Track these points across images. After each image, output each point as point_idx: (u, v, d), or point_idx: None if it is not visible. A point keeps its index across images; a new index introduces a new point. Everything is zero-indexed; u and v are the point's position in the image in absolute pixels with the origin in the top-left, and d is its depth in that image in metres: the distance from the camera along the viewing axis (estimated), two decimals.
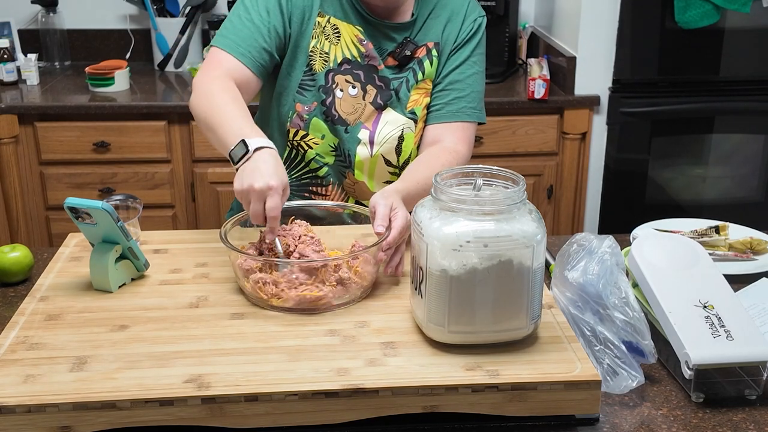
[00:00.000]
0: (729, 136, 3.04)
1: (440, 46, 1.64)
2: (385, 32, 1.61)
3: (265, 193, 1.27)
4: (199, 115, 1.47)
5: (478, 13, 1.68)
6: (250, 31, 1.53)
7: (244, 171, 1.30)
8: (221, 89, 1.46)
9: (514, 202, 1.12)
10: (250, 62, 1.53)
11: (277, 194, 1.28)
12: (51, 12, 3.20)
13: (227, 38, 1.54)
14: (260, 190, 1.27)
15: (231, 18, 1.57)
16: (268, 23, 1.54)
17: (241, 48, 1.52)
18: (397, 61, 1.62)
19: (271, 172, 1.29)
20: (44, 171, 2.83)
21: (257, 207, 1.28)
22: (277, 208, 1.28)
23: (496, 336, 1.15)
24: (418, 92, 1.64)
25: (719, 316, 1.18)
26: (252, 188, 1.27)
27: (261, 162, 1.31)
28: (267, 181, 1.27)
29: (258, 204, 1.28)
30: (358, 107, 1.60)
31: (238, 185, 1.30)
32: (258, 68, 1.54)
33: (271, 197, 1.28)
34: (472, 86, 1.65)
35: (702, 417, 1.13)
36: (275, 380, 1.07)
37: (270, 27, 1.55)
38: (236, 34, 1.54)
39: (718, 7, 2.73)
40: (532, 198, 2.93)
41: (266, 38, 1.54)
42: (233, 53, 1.52)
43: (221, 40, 1.54)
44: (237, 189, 1.30)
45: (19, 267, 1.48)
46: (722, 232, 1.65)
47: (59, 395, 1.04)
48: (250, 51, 1.53)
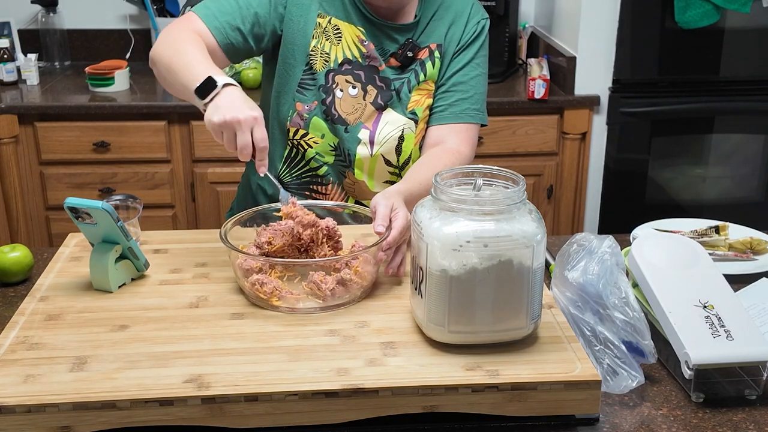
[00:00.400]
0: (729, 136, 3.04)
1: (443, 47, 1.64)
2: (388, 33, 1.61)
3: (251, 123, 1.27)
4: (162, 59, 1.46)
5: (481, 16, 1.68)
6: (230, 8, 1.53)
7: (219, 104, 1.30)
8: (188, 39, 1.47)
9: (514, 202, 1.12)
10: (220, 36, 1.52)
11: (261, 124, 1.28)
12: (51, 12, 3.20)
13: (207, 8, 1.54)
14: (246, 120, 1.27)
15: None
16: (250, 7, 1.54)
17: (217, 21, 1.52)
18: (399, 62, 1.62)
19: (249, 105, 1.29)
20: (44, 171, 2.83)
21: (246, 138, 1.28)
22: (266, 138, 1.29)
23: (496, 336, 1.15)
24: (419, 93, 1.64)
25: (719, 316, 1.18)
26: (236, 119, 1.27)
27: (235, 96, 1.31)
28: (250, 111, 1.28)
29: (246, 135, 1.28)
30: (358, 107, 1.61)
31: (217, 118, 1.28)
32: (226, 45, 1.53)
33: (258, 127, 1.28)
34: (476, 88, 1.66)
35: (702, 417, 1.13)
36: (275, 380, 1.07)
37: (251, 12, 1.54)
38: (217, 7, 1.54)
39: (718, 7, 2.73)
40: (532, 198, 2.93)
41: (244, 20, 1.54)
42: (207, 23, 1.52)
43: (201, 8, 1.54)
44: (217, 121, 1.28)
45: (19, 267, 1.48)
46: (722, 232, 1.65)
47: (59, 395, 1.04)
48: (224, 26, 1.52)
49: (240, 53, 1.57)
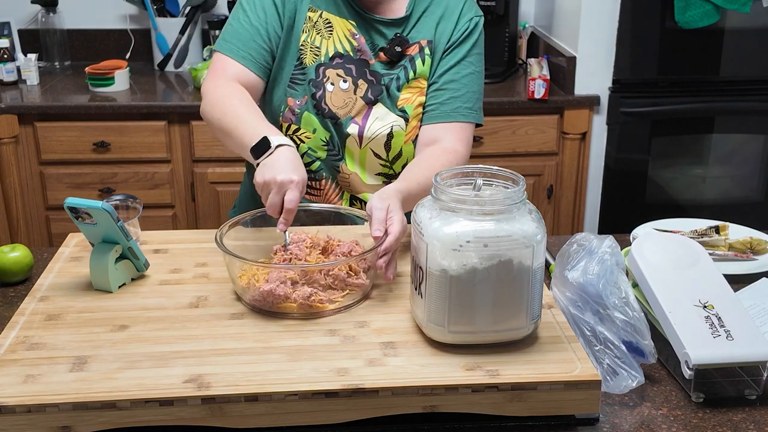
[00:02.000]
0: (729, 136, 3.04)
1: (433, 44, 1.64)
2: (377, 27, 1.62)
3: (286, 186, 1.32)
4: (213, 121, 1.52)
5: (474, 13, 1.67)
6: (249, 34, 1.57)
7: (266, 165, 1.36)
8: (231, 94, 1.52)
9: (514, 202, 1.12)
10: (252, 65, 1.57)
11: (297, 188, 1.33)
12: (51, 12, 3.20)
13: (229, 42, 1.58)
14: (282, 183, 1.32)
15: (231, 21, 1.61)
16: (266, 23, 1.58)
17: (242, 51, 1.57)
18: (387, 57, 1.61)
19: (293, 167, 1.35)
20: (44, 171, 2.83)
21: (276, 199, 1.33)
22: (295, 201, 1.33)
23: (496, 336, 1.15)
24: (410, 91, 1.63)
25: (719, 316, 1.18)
26: (274, 180, 1.32)
27: (283, 157, 1.36)
28: (289, 174, 1.33)
29: (277, 196, 1.33)
30: (348, 101, 1.61)
31: (260, 178, 1.34)
32: (261, 69, 1.59)
33: (291, 190, 1.32)
34: (468, 86, 1.65)
35: (702, 417, 1.13)
36: (275, 380, 1.07)
37: (268, 27, 1.58)
38: (237, 37, 1.58)
39: (718, 7, 2.73)
40: (532, 198, 2.93)
41: (265, 39, 1.58)
42: (236, 57, 1.57)
43: (223, 44, 1.59)
44: (258, 181, 1.35)
45: (19, 267, 1.48)
46: (722, 232, 1.65)
47: (59, 395, 1.04)
48: (251, 54, 1.57)
49: (272, 67, 1.62)
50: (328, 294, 1.26)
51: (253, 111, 1.50)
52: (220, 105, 1.51)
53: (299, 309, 1.24)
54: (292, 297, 1.24)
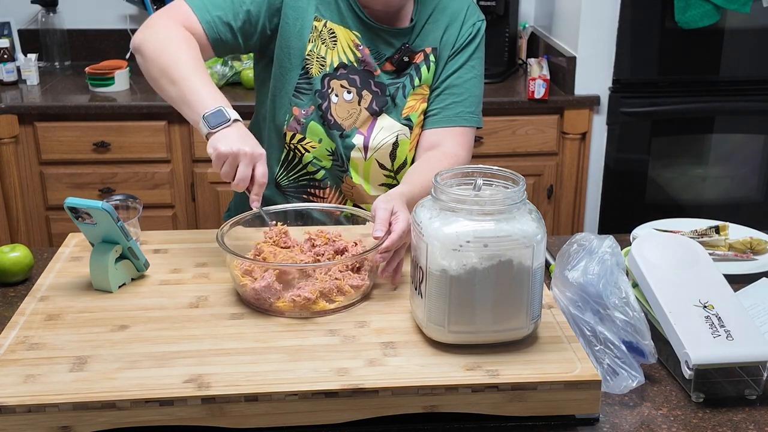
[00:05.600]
0: (729, 136, 3.04)
1: (438, 50, 1.63)
2: (384, 37, 1.60)
3: (257, 159, 1.31)
4: (155, 59, 1.45)
5: (477, 17, 1.67)
6: (224, 2, 1.51)
7: (228, 135, 1.33)
8: (185, 42, 1.46)
9: (514, 202, 1.12)
10: (210, 31, 1.51)
11: (265, 162, 1.32)
12: (51, 12, 3.20)
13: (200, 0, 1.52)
14: (252, 154, 1.31)
15: None
16: (243, 4, 1.52)
17: (208, 15, 1.51)
18: (394, 66, 1.61)
19: (255, 142, 1.33)
20: (44, 171, 2.83)
21: (247, 171, 1.31)
22: (266, 175, 1.33)
23: (496, 336, 1.15)
24: (414, 98, 1.63)
25: (719, 316, 1.19)
26: (242, 150, 1.30)
27: (243, 131, 1.35)
28: (257, 147, 1.31)
29: (248, 168, 1.31)
30: (353, 112, 1.60)
31: (225, 147, 1.31)
32: (216, 41, 1.52)
33: (261, 163, 1.31)
34: (470, 90, 1.64)
35: (702, 417, 1.13)
36: (275, 380, 1.07)
37: (243, 9, 1.52)
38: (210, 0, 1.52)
39: (718, 7, 2.73)
40: (532, 198, 2.93)
41: (236, 17, 1.52)
42: (199, 15, 1.50)
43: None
44: (223, 150, 1.31)
45: (19, 267, 1.48)
46: (722, 232, 1.65)
47: (59, 395, 1.04)
48: (215, 20, 1.51)
49: (227, 48, 1.56)
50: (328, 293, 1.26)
51: (205, 72, 1.43)
52: (170, 48, 1.44)
53: (294, 308, 1.24)
54: (286, 297, 1.24)
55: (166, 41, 1.46)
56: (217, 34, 1.52)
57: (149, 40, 1.47)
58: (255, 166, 1.31)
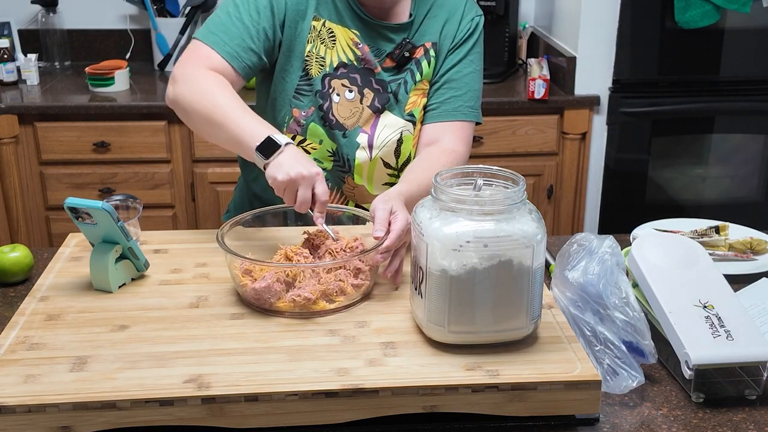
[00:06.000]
0: (729, 136, 3.04)
1: (438, 45, 1.63)
2: (383, 33, 1.60)
3: (315, 179, 1.33)
4: (196, 109, 1.44)
5: (475, 12, 1.67)
6: (238, 30, 1.50)
7: (283, 162, 1.34)
8: (217, 85, 1.45)
9: (514, 202, 1.12)
10: (236, 62, 1.50)
11: (323, 180, 1.34)
12: (51, 12, 3.20)
13: (215, 35, 1.50)
14: (310, 176, 1.32)
15: (219, 14, 1.53)
16: (257, 24, 1.51)
17: (228, 47, 1.49)
18: (395, 62, 1.61)
19: (311, 162, 1.35)
20: (44, 171, 2.83)
21: (306, 193, 1.33)
22: (327, 192, 1.35)
23: (496, 336, 1.15)
24: (416, 94, 1.63)
25: (719, 316, 1.19)
26: (301, 175, 1.32)
27: (296, 154, 1.36)
28: (313, 168, 1.33)
29: (308, 191, 1.33)
30: (355, 111, 1.60)
31: (281, 176, 1.32)
32: (244, 69, 1.51)
33: (320, 182, 1.33)
34: (469, 85, 1.65)
35: (702, 417, 1.13)
36: (275, 380, 1.07)
37: (259, 28, 1.51)
38: (224, 31, 1.50)
39: (718, 7, 2.73)
40: (532, 198, 2.93)
41: (254, 39, 1.51)
42: (219, 51, 1.49)
43: (208, 35, 1.51)
44: (281, 179, 1.32)
45: (19, 267, 1.48)
46: (722, 232, 1.65)
47: (59, 395, 1.04)
48: (237, 51, 1.50)
49: (255, 71, 1.56)
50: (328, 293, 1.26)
51: (244, 107, 1.44)
52: (209, 95, 1.43)
53: (294, 308, 1.24)
54: (287, 297, 1.24)
55: (200, 90, 1.45)
56: (243, 63, 1.51)
57: (183, 94, 1.47)
58: (314, 186, 1.33)
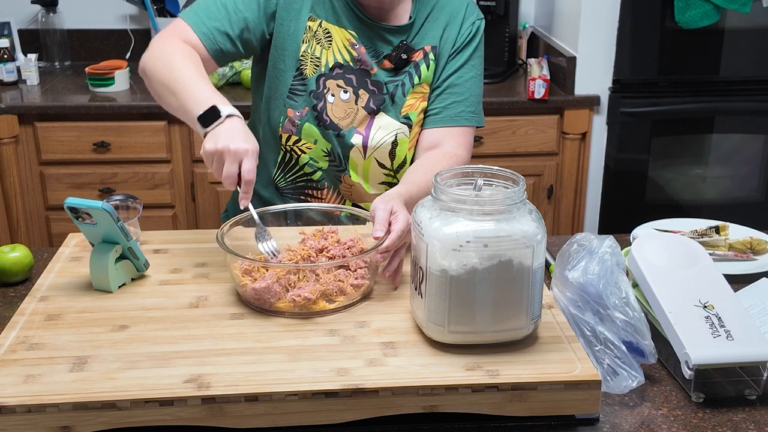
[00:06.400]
0: (729, 136, 3.04)
1: (438, 49, 1.63)
2: (382, 35, 1.60)
3: (242, 155, 1.30)
4: (155, 74, 1.46)
5: (476, 16, 1.67)
6: (219, 14, 1.52)
7: (218, 133, 1.32)
8: (182, 54, 1.46)
9: (514, 202, 1.12)
10: (209, 42, 1.51)
11: (253, 157, 1.30)
12: (51, 12, 3.20)
13: (195, 14, 1.53)
14: (236, 151, 1.29)
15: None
16: (239, 12, 1.52)
17: (205, 27, 1.51)
18: (393, 64, 1.61)
19: (245, 137, 1.32)
20: (44, 171, 2.83)
21: (232, 168, 1.30)
22: (253, 171, 1.30)
23: (496, 336, 1.15)
24: (414, 96, 1.63)
25: (719, 316, 1.19)
26: (228, 149, 1.29)
27: (234, 127, 1.33)
28: (243, 143, 1.30)
29: (233, 165, 1.30)
30: (350, 112, 1.59)
31: (210, 146, 1.31)
32: (215, 51, 1.52)
33: (247, 159, 1.30)
34: (471, 90, 1.65)
35: (702, 417, 1.13)
36: (275, 380, 1.07)
37: (240, 17, 1.52)
38: (205, 12, 1.52)
39: (718, 7, 2.73)
40: (532, 198, 2.93)
41: (233, 26, 1.52)
42: (196, 29, 1.51)
43: (189, 14, 1.53)
44: (209, 149, 1.31)
45: (19, 267, 1.48)
46: (722, 232, 1.65)
47: (59, 395, 1.04)
48: (212, 32, 1.51)
49: (228, 57, 1.56)
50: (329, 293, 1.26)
51: (202, 75, 1.44)
52: (168, 61, 1.45)
53: (294, 308, 1.24)
54: (287, 297, 1.24)
55: (164, 56, 1.47)
56: (216, 45, 1.52)
57: (150, 59, 1.49)
58: (241, 163, 1.30)
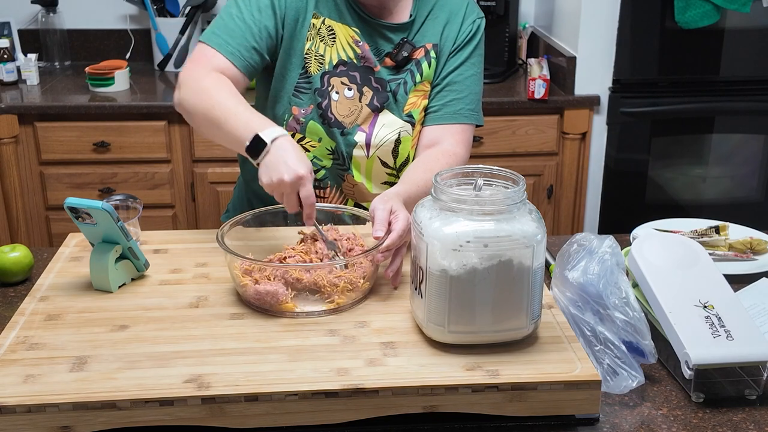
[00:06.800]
0: (729, 136, 3.04)
1: (439, 47, 1.63)
2: (383, 33, 1.61)
3: (297, 185, 1.31)
4: (198, 112, 1.45)
5: (477, 15, 1.67)
6: (240, 30, 1.52)
7: (269, 165, 1.33)
8: (217, 84, 1.46)
9: (514, 202, 1.12)
10: (239, 61, 1.51)
11: (308, 182, 1.32)
12: (51, 12, 3.20)
13: (218, 36, 1.52)
14: (292, 182, 1.31)
15: (222, 15, 1.55)
16: (259, 23, 1.53)
17: (231, 47, 1.51)
18: (394, 62, 1.61)
19: (296, 161, 1.32)
20: (44, 171, 2.83)
21: (292, 198, 1.32)
22: (312, 196, 1.32)
23: (496, 336, 1.15)
24: (416, 95, 1.63)
25: (719, 316, 1.19)
26: (282, 181, 1.31)
27: (282, 152, 1.33)
28: (296, 171, 1.31)
29: (292, 195, 1.32)
30: (354, 109, 1.60)
31: (266, 180, 1.33)
32: (246, 68, 1.53)
33: (303, 186, 1.31)
34: (470, 88, 1.65)
35: (702, 417, 1.13)
36: (275, 380, 1.07)
37: (261, 27, 1.53)
38: (227, 32, 1.52)
39: (718, 7, 2.73)
40: (532, 198, 2.93)
41: (257, 38, 1.52)
42: (222, 51, 1.50)
43: (211, 37, 1.53)
44: (266, 183, 1.33)
45: (19, 267, 1.48)
46: (722, 232, 1.65)
47: (59, 395, 1.04)
48: (240, 50, 1.51)
49: (259, 70, 1.57)
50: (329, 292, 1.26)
51: (242, 103, 1.44)
52: (207, 95, 1.44)
53: (294, 308, 1.24)
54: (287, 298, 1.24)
55: (200, 90, 1.46)
56: (246, 62, 1.52)
57: (186, 97, 1.48)
58: (299, 190, 1.32)
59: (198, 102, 1.45)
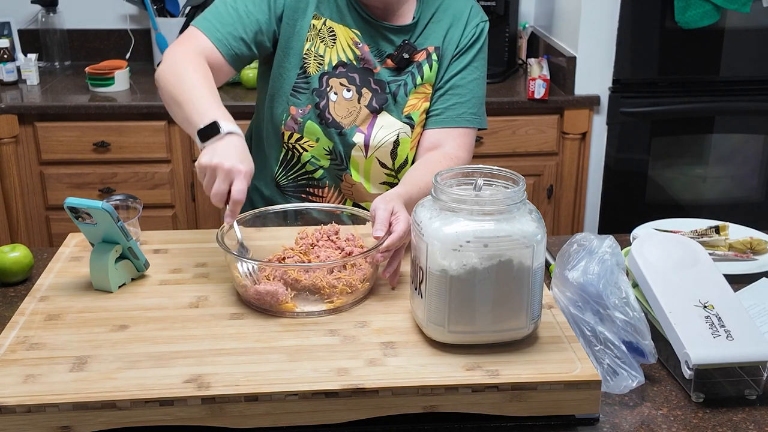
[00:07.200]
0: (729, 136, 3.04)
1: (441, 50, 1.63)
2: (385, 34, 1.61)
3: (234, 175, 1.29)
4: (166, 86, 1.46)
5: (480, 18, 1.67)
6: (231, 18, 1.53)
7: (215, 149, 1.31)
8: (193, 66, 1.46)
9: (514, 202, 1.12)
10: (224, 48, 1.52)
11: (245, 178, 1.29)
12: (51, 12, 3.20)
13: (208, 21, 1.54)
14: (229, 170, 1.28)
15: (216, 3, 1.56)
16: (251, 15, 1.54)
17: (219, 33, 1.52)
18: (395, 63, 1.61)
19: (241, 156, 1.31)
20: (44, 171, 2.83)
21: (223, 186, 1.29)
22: (243, 192, 1.29)
23: (496, 336, 1.15)
24: (416, 96, 1.63)
25: (719, 316, 1.19)
26: (221, 165, 1.28)
27: (232, 145, 1.32)
28: (236, 163, 1.29)
29: (224, 183, 1.29)
30: (353, 110, 1.60)
31: (206, 159, 1.30)
32: (231, 56, 1.53)
33: (239, 180, 1.29)
34: (473, 91, 1.65)
35: (702, 417, 1.13)
36: (275, 380, 1.07)
37: (253, 19, 1.54)
38: (217, 18, 1.53)
39: (718, 7, 2.73)
40: (532, 198, 2.93)
41: (247, 29, 1.53)
42: (210, 36, 1.52)
43: (202, 21, 1.54)
44: (204, 163, 1.30)
45: (19, 267, 1.48)
46: (722, 232, 1.65)
47: (59, 395, 1.04)
48: (227, 38, 1.52)
49: (244, 61, 1.57)
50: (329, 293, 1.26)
51: (210, 89, 1.43)
52: (179, 73, 1.45)
53: (294, 308, 1.24)
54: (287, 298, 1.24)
55: (176, 68, 1.46)
56: (232, 50, 1.53)
57: (162, 71, 1.48)
58: (232, 182, 1.29)
59: (169, 78, 1.46)
